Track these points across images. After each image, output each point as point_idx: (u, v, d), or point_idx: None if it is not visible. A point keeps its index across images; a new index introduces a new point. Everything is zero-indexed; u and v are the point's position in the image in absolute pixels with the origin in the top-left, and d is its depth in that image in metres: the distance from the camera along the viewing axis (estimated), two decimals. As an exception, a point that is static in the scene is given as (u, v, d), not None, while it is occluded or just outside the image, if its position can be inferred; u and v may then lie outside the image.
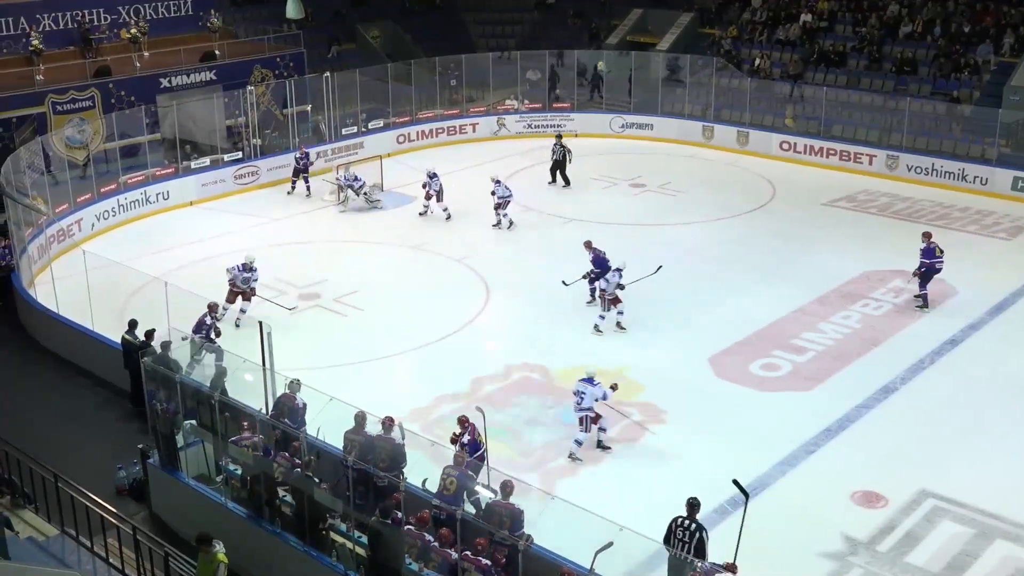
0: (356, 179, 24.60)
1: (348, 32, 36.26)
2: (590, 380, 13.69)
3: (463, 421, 12.55)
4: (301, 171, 25.45)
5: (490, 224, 22.91)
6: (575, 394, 13.76)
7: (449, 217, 23.46)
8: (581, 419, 13.74)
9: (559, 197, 25.34)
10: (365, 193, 24.63)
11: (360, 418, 11.60)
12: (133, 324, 15.41)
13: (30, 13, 26.64)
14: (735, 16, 34.68)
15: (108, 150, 24.76)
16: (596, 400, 13.64)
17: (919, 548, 11.87)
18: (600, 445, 13.96)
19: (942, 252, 18.36)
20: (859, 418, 14.76)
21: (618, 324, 17.61)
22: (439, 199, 23.59)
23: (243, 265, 17.97)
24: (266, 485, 11.43)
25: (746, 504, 10.00)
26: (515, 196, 23.01)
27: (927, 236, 18.61)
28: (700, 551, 10.01)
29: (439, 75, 31.37)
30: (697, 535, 10.08)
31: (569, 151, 26.03)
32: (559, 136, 27.19)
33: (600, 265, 18.06)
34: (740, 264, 20.65)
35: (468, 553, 9.60)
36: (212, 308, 16.14)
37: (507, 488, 10.26)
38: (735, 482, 10.24)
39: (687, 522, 10.21)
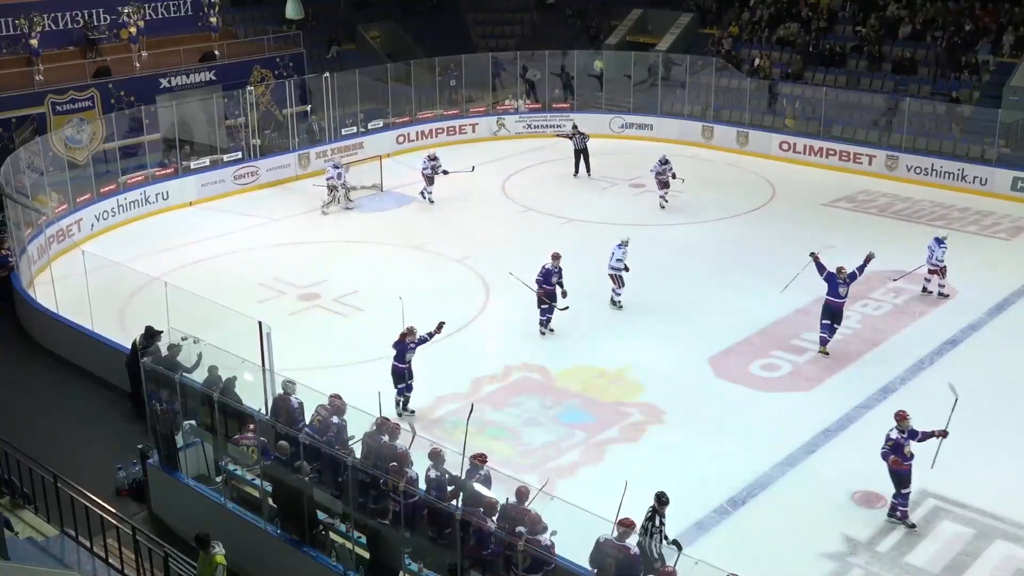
0: (340, 176, 24.48)
1: (348, 32, 36.26)
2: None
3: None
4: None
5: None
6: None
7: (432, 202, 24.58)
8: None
9: (559, 197, 25.34)
10: (347, 191, 24.60)
11: (379, 423, 11.59)
12: (150, 332, 14.42)
13: (30, 13, 26.63)
14: (735, 16, 34.68)
15: (108, 150, 24.76)
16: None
17: (919, 548, 11.86)
18: None
19: None
20: (859, 418, 14.75)
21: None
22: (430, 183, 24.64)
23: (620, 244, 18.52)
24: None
25: None
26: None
27: None
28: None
29: (439, 75, 31.37)
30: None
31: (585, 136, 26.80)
32: (575, 126, 27.24)
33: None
34: (740, 264, 20.64)
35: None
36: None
37: (521, 495, 10.17)
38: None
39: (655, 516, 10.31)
